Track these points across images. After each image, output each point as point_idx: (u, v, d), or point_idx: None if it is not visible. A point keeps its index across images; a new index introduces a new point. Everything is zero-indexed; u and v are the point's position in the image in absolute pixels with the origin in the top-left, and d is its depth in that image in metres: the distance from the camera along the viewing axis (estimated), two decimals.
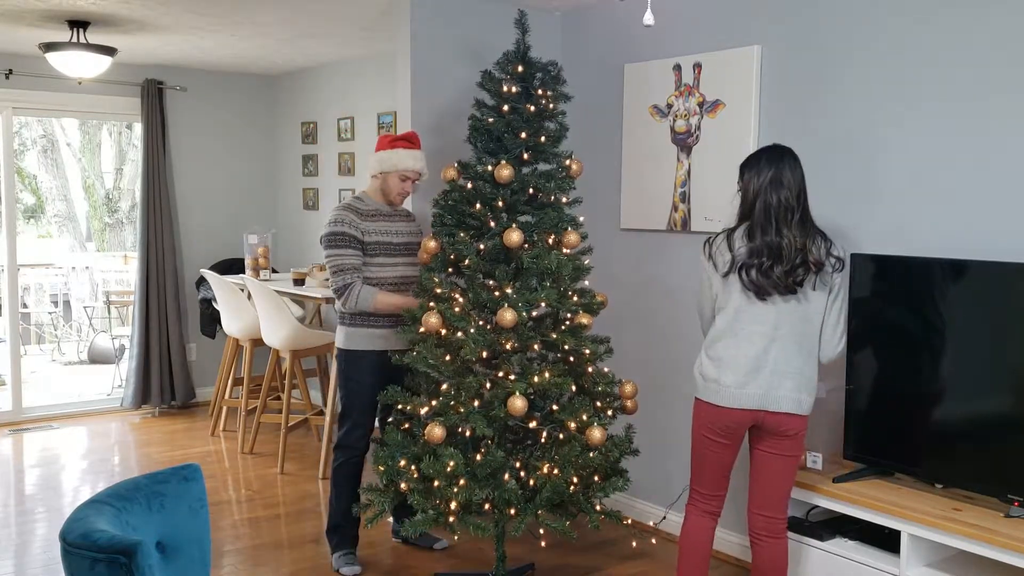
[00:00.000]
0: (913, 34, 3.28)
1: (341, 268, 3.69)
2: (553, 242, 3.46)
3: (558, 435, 3.41)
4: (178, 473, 2.32)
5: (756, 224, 2.93)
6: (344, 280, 3.68)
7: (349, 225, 3.71)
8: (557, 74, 3.58)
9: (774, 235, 2.90)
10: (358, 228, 3.71)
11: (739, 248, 2.96)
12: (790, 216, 2.92)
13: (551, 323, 3.46)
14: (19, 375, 6.51)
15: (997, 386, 2.89)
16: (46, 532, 4.39)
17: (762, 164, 2.97)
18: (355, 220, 3.72)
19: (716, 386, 2.98)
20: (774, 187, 2.92)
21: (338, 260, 3.69)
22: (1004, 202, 3.05)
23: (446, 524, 3.30)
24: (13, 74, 6.14)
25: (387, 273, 3.77)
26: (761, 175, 2.95)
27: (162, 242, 6.63)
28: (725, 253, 3.00)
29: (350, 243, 3.69)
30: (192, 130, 6.94)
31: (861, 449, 3.24)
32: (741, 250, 2.95)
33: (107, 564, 1.85)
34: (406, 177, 3.81)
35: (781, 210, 2.91)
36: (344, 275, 3.68)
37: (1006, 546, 2.64)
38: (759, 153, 3.03)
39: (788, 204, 2.92)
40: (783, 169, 2.94)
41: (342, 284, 3.68)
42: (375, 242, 3.74)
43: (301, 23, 5.09)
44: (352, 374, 3.80)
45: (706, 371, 3.02)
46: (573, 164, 3.58)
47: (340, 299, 3.71)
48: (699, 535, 3.15)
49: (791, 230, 2.91)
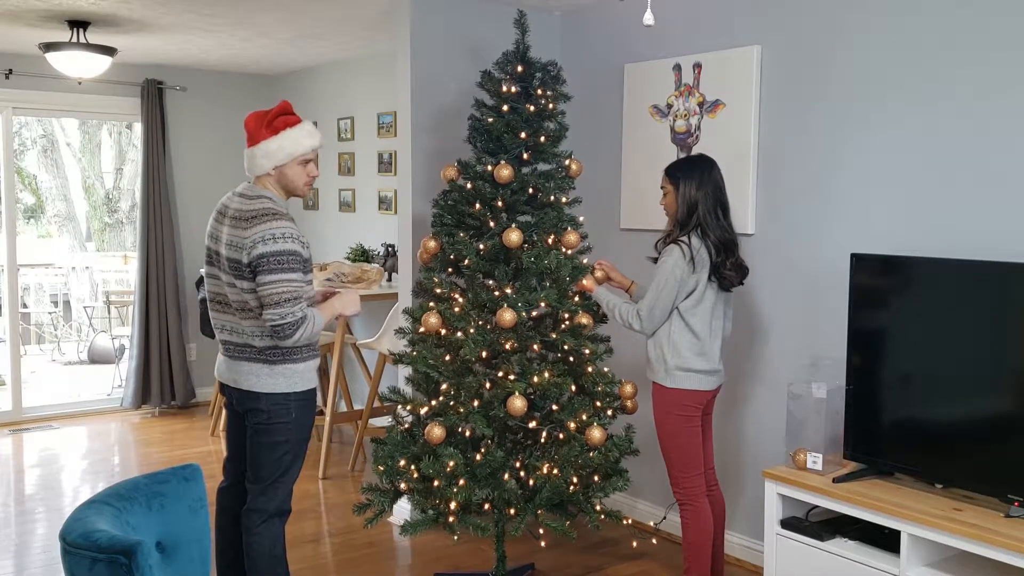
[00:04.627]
0: (914, 34, 3.28)
1: (295, 296, 2.90)
2: (553, 242, 3.46)
3: (558, 435, 3.41)
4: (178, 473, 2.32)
5: (708, 224, 3.26)
6: (301, 310, 2.92)
7: (298, 241, 2.94)
8: (557, 74, 3.58)
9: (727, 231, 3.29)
10: (301, 242, 2.97)
11: (700, 248, 3.25)
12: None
13: (551, 323, 3.47)
14: (19, 375, 6.51)
15: (997, 386, 2.89)
16: (46, 532, 4.39)
17: (694, 171, 3.31)
18: (297, 232, 2.97)
19: (704, 376, 3.32)
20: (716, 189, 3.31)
21: (290, 286, 2.89)
22: (1004, 202, 3.05)
23: (446, 524, 3.30)
24: (13, 74, 6.14)
25: (310, 293, 3.06)
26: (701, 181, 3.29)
27: (162, 242, 6.64)
28: (702, 253, 3.25)
29: (298, 264, 2.93)
30: (192, 130, 6.94)
31: (861, 449, 3.23)
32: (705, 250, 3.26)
33: (107, 564, 1.85)
34: (307, 160, 3.09)
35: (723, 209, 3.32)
36: (298, 304, 2.91)
37: (1006, 546, 2.64)
38: (689, 162, 3.40)
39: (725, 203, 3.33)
40: (714, 172, 3.31)
41: (300, 316, 2.91)
42: (309, 257, 3.03)
43: (301, 23, 5.09)
44: (306, 420, 3.11)
45: (695, 364, 3.30)
46: (573, 164, 3.58)
47: (292, 335, 2.91)
48: (711, 522, 3.41)
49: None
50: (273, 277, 2.88)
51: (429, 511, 3.35)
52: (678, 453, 3.36)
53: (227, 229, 3.02)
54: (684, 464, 3.36)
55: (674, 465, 3.39)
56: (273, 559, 3.14)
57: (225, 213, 3.10)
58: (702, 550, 3.36)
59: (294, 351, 3.03)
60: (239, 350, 3.07)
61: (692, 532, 3.37)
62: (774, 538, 3.29)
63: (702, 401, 3.37)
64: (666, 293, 3.24)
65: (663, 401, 3.35)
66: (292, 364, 3.03)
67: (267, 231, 2.91)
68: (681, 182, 3.29)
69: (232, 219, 3.03)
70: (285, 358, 3.02)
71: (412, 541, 4.25)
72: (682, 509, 3.40)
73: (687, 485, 3.38)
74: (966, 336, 2.94)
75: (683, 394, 3.32)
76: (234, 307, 3.05)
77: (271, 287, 2.88)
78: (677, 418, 3.34)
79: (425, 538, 4.18)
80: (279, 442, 3.06)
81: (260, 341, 3.01)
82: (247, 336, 3.04)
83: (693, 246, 3.24)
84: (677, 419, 3.34)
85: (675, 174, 3.33)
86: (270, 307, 2.89)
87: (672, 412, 3.34)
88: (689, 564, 3.38)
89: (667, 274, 3.23)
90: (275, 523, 3.14)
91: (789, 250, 3.73)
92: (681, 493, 3.39)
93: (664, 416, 3.36)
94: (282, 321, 2.89)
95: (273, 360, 3.01)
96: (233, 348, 3.09)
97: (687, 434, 3.34)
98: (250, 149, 3.11)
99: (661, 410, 3.36)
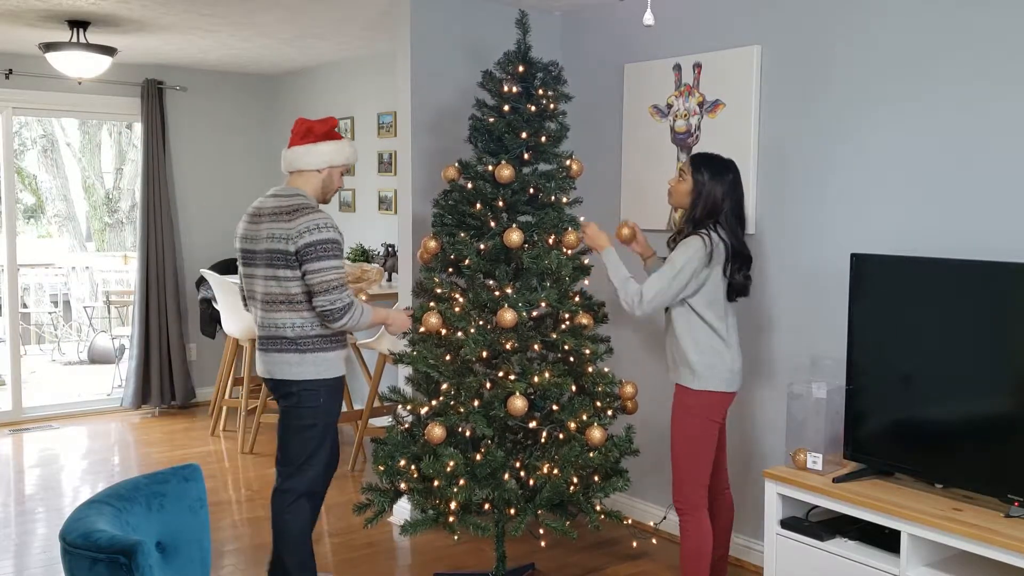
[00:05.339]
0: (914, 34, 3.28)
1: (342, 283, 3.21)
2: (553, 242, 3.46)
3: (558, 435, 3.41)
4: (178, 473, 2.32)
5: (730, 225, 3.20)
6: (349, 296, 3.23)
7: (336, 230, 3.26)
8: (558, 74, 3.58)
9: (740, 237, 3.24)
10: (340, 232, 3.29)
11: (719, 243, 3.18)
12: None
13: (551, 323, 3.47)
14: (19, 375, 6.51)
15: (997, 386, 2.89)
16: (46, 532, 4.39)
17: (725, 175, 3.21)
18: (335, 223, 3.30)
19: (729, 376, 3.26)
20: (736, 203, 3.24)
21: (337, 273, 3.20)
22: (1005, 202, 3.05)
23: (446, 524, 3.30)
24: (13, 74, 6.14)
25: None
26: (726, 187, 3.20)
27: (162, 242, 6.64)
28: (720, 248, 3.19)
29: (341, 252, 3.26)
30: (192, 130, 6.94)
31: (861, 449, 3.23)
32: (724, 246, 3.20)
33: (107, 564, 1.85)
34: (346, 171, 3.47)
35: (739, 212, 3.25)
36: (345, 291, 3.21)
37: (1006, 546, 2.64)
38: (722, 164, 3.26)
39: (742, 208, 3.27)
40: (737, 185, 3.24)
41: (349, 300, 3.21)
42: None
43: (301, 23, 5.09)
44: (335, 405, 3.37)
45: (720, 362, 3.23)
46: (573, 164, 3.57)
47: (342, 319, 3.21)
48: (710, 536, 3.31)
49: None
50: (321, 264, 3.16)
51: (429, 511, 3.35)
52: (690, 461, 3.26)
53: (267, 224, 3.26)
54: (694, 474, 3.25)
55: (683, 472, 3.27)
56: (300, 538, 3.36)
57: (261, 213, 3.32)
58: (700, 563, 3.27)
59: (322, 340, 3.26)
60: (271, 343, 3.29)
61: (692, 543, 3.28)
62: (774, 538, 3.29)
63: (727, 404, 3.28)
64: (678, 282, 3.15)
65: (686, 404, 3.26)
66: (322, 352, 3.27)
67: (311, 222, 3.18)
68: (708, 179, 3.19)
69: (272, 215, 3.26)
70: (315, 347, 3.26)
71: (412, 541, 4.25)
72: (682, 520, 3.31)
73: (690, 495, 3.27)
74: (966, 336, 2.94)
75: (710, 397, 3.23)
76: (267, 300, 3.27)
77: (320, 275, 3.16)
78: (700, 423, 3.24)
79: (425, 538, 4.18)
80: (307, 425, 3.30)
81: (293, 331, 3.24)
82: (278, 328, 3.26)
83: (713, 239, 3.15)
84: (700, 424, 3.24)
85: (702, 168, 3.21)
86: (321, 294, 3.17)
87: (697, 416, 3.24)
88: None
89: (684, 262, 3.13)
90: (303, 504, 3.35)
91: (789, 250, 3.73)
92: (683, 503, 3.29)
93: (686, 419, 3.26)
94: (332, 307, 3.17)
95: (303, 349, 3.25)
96: (266, 342, 3.32)
97: (704, 442, 3.25)
98: (311, 144, 3.35)
99: (683, 413, 3.27)
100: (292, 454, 3.34)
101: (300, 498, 3.33)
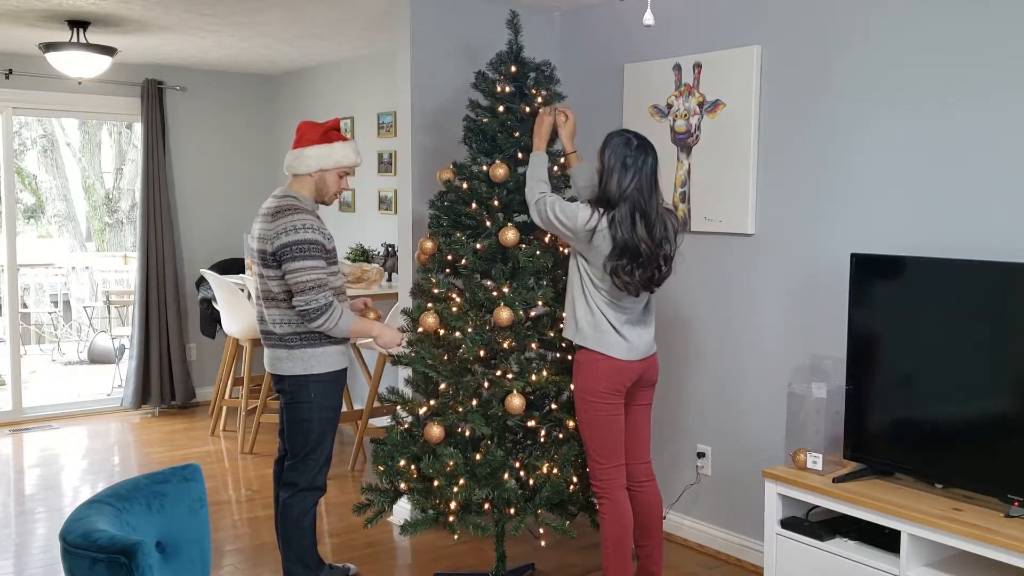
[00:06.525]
0: (914, 34, 3.28)
1: (318, 283, 3.22)
2: (549, 241, 3.46)
3: (557, 434, 3.41)
4: (178, 473, 2.32)
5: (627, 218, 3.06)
6: (326, 297, 3.24)
7: (318, 231, 3.28)
8: (551, 74, 3.59)
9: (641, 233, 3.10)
10: (324, 234, 3.31)
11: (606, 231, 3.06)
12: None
13: (548, 322, 3.47)
14: (19, 375, 6.51)
15: (997, 386, 2.89)
16: (46, 532, 4.39)
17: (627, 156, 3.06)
18: (320, 225, 3.32)
19: (617, 338, 3.13)
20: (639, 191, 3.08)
21: (314, 273, 3.22)
22: (1005, 202, 3.05)
23: (446, 524, 3.30)
24: (13, 74, 6.14)
25: (337, 283, 3.41)
26: (627, 171, 3.06)
27: (162, 242, 6.63)
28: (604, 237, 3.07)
29: (321, 253, 3.27)
30: (192, 130, 6.94)
31: (861, 449, 3.23)
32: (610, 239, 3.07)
33: (107, 564, 1.85)
34: (345, 173, 3.49)
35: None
36: (322, 291, 3.23)
37: (1006, 546, 2.64)
38: (624, 141, 3.10)
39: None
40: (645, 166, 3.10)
41: (325, 302, 3.23)
42: (333, 248, 3.40)
43: (301, 23, 5.09)
44: (329, 400, 3.43)
45: (604, 325, 3.13)
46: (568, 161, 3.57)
47: (318, 319, 3.23)
48: (629, 515, 3.22)
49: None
50: (296, 265, 3.21)
51: (429, 511, 3.35)
52: (600, 431, 3.18)
53: (259, 225, 3.36)
54: (607, 444, 3.19)
55: (596, 442, 3.21)
56: (299, 529, 3.44)
57: (260, 213, 3.43)
58: (621, 543, 3.18)
59: (311, 337, 3.33)
60: (266, 338, 3.43)
61: (608, 527, 3.20)
62: (774, 538, 3.29)
63: (624, 378, 3.16)
64: (554, 217, 3.10)
65: (590, 361, 3.17)
66: (309, 348, 3.34)
67: (289, 223, 3.24)
68: (606, 157, 3.09)
69: (263, 216, 3.37)
70: (302, 343, 3.34)
71: (412, 541, 4.25)
72: (599, 503, 3.25)
73: (609, 468, 3.21)
74: (966, 336, 2.94)
75: (600, 360, 3.13)
76: (262, 298, 3.38)
77: (296, 275, 3.22)
78: (595, 390, 3.15)
79: (425, 538, 4.18)
80: (304, 419, 3.39)
81: (280, 328, 3.35)
82: (270, 324, 3.38)
83: (601, 224, 3.04)
84: (595, 392, 3.16)
85: (604, 146, 3.11)
86: (298, 294, 3.23)
87: (592, 380, 3.15)
88: (608, 564, 3.23)
89: (570, 210, 3.08)
90: (305, 496, 3.44)
91: (789, 250, 3.73)
92: (603, 476, 3.22)
93: (586, 381, 3.17)
94: (307, 307, 3.22)
95: (291, 345, 3.35)
96: (263, 337, 3.46)
97: (609, 413, 3.18)
98: (300, 149, 3.42)
99: (575, 370, 3.21)
100: (294, 447, 3.46)
101: (302, 491, 3.45)
